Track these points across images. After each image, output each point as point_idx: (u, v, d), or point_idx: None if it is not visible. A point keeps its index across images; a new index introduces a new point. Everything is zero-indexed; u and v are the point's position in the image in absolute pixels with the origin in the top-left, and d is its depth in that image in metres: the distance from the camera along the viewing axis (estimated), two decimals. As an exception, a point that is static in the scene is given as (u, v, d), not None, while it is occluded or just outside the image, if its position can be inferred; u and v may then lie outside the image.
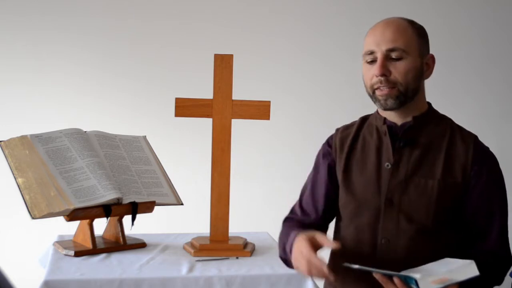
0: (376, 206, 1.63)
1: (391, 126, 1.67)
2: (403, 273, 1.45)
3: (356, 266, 1.48)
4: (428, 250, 1.59)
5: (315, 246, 1.54)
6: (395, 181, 1.62)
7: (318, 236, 1.56)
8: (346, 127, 1.79)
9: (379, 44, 1.60)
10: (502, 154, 3.47)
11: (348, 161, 1.72)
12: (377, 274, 1.46)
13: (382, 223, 1.62)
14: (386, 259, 1.60)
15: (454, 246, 1.62)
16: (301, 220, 1.79)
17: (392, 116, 1.67)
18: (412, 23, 1.64)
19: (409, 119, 1.65)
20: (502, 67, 3.66)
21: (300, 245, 1.56)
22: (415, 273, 1.44)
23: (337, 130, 1.81)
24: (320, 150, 1.82)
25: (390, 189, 1.62)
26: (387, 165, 1.64)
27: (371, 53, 1.62)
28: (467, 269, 1.44)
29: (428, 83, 1.69)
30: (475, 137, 1.66)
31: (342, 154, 1.73)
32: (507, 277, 2.04)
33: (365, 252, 1.63)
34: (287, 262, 1.71)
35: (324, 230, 1.78)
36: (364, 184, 1.66)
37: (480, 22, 3.63)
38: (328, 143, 1.80)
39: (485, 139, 1.71)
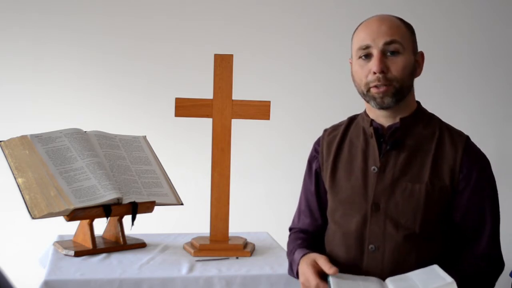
0: (363, 211, 1.57)
1: (378, 128, 1.61)
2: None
3: (331, 282, 1.45)
4: (416, 256, 1.54)
5: (319, 270, 1.51)
6: (381, 186, 1.56)
7: (320, 261, 1.52)
8: (334, 128, 1.74)
9: (375, 39, 1.54)
10: (502, 155, 3.50)
11: (335, 166, 1.66)
12: None
13: (369, 229, 1.56)
14: (374, 265, 1.56)
15: (443, 252, 1.57)
16: (303, 229, 1.78)
17: (380, 117, 1.60)
18: (402, 20, 1.61)
19: (397, 120, 1.59)
20: (503, 67, 3.66)
21: (305, 271, 1.54)
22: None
23: (325, 131, 1.75)
24: (309, 155, 1.78)
25: (377, 193, 1.56)
26: (374, 169, 1.58)
27: (366, 47, 1.55)
28: None
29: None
30: (466, 138, 1.59)
31: (329, 158, 1.68)
32: (508, 277, 2.04)
33: (354, 259, 1.58)
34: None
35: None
36: (351, 189, 1.61)
37: (481, 22, 3.63)
38: (315, 148, 1.75)
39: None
